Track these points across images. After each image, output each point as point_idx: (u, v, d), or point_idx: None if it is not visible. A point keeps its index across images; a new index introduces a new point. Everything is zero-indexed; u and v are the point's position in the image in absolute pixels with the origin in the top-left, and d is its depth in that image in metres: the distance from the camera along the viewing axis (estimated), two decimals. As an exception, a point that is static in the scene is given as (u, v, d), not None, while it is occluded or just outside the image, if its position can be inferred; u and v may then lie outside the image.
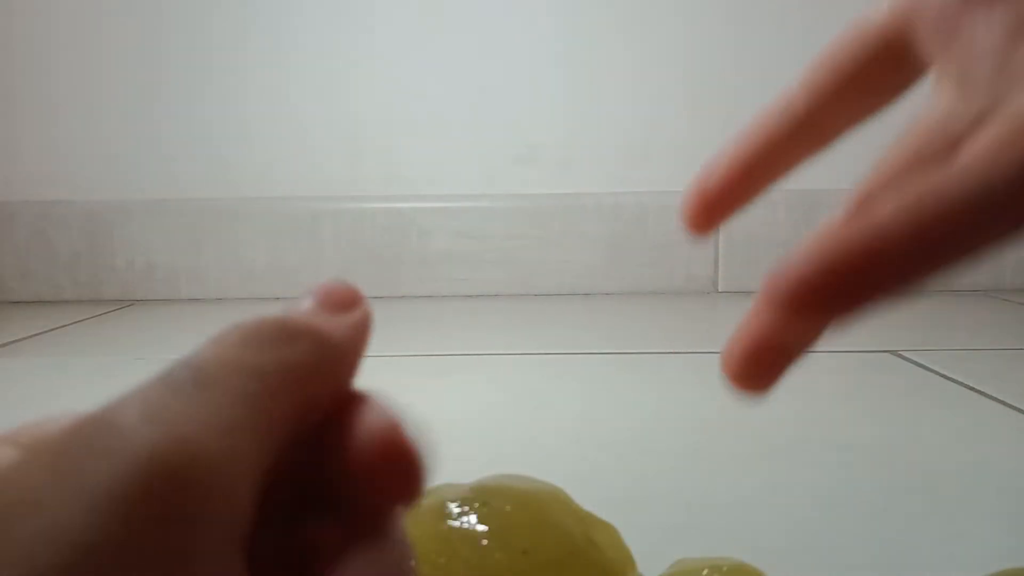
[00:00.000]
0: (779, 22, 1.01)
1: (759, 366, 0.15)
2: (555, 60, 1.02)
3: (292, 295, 0.88)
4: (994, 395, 0.54)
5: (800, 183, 1.09)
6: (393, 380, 0.61)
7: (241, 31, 1.02)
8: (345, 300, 0.14)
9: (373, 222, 1.03)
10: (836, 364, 0.64)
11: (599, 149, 1.03)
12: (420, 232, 1.03)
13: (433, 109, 1.03)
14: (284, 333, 0.13)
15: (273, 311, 0.13)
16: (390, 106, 1.03)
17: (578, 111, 1.03)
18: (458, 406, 0.55)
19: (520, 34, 1.02)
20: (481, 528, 0.23)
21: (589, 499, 0.27)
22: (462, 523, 0.24)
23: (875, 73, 0.18)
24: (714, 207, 0.19)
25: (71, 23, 1.02)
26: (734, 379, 0.15)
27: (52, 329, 0.85)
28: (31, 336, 0.81)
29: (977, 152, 0.12)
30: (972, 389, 0.56)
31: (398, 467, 0.12)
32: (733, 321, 0.16)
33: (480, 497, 0.25)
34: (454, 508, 0.24)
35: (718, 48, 1.02)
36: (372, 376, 0.58)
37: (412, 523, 0.25)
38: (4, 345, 0.77)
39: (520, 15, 1.01)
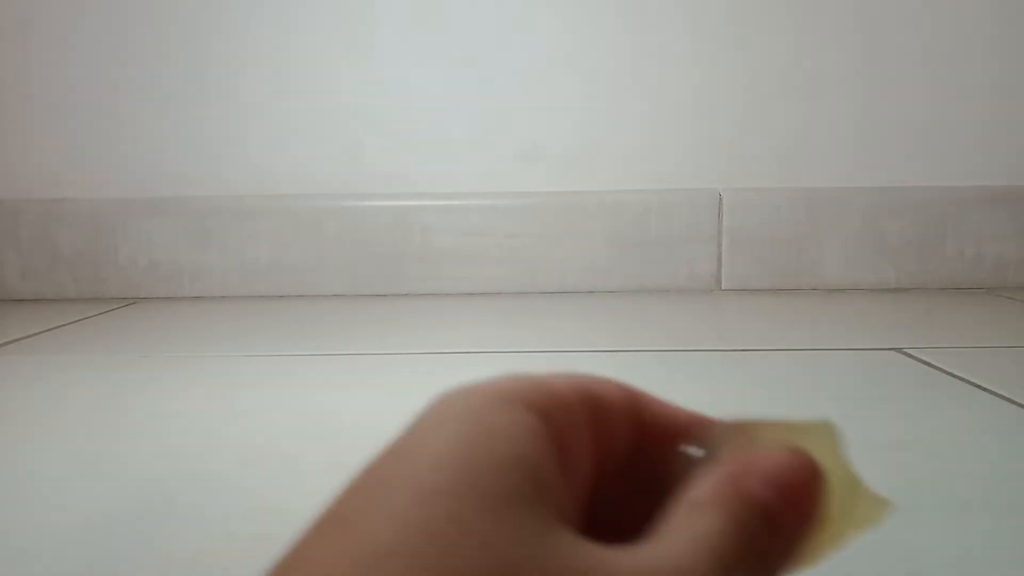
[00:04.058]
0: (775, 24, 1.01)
1: None
2: (558, 57, 1.02)
3: (295, 293, 0.88)
4: (1000, 392, 0.54)
5: (802, 181, 1.09)
6: (396, 378, 0.61)
7: (242, 30, 1.02)
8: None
9: (376, 220, 1.03)
10: (841, 362, 0.64)
11: (602, 147, 1.03)
12: (423, 230, 1.03)
13: (436, 106, 1.03)
14: None
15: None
16: (392, 103, 1.03)
17: (581, 109, 1.03)
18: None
19: (523, 31, 1.02)
20: None
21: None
22: None
23: None
24: None
25: (74, 23, 1.02)
26: None
27: (55, 327, 0.85)
28: (34, 334, 0.81)
29: None
30: (977, 386, 0.56)
31: None
32: (736, 319, 0.17)
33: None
34: None
35: (725, 49, 1.01)
36: (374, 375, 0.58)
37: None
38: (7, 343, 0.77)
39: (524, 11, 1.01)
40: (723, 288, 1.03)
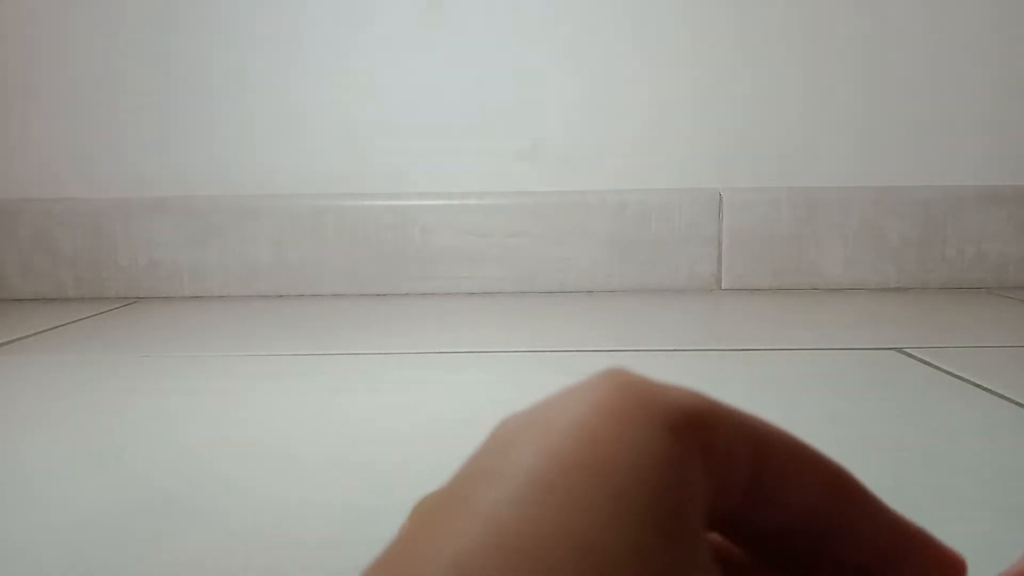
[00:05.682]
0: (786, 26, 1.01)
1: None
2: (559, 55, 1.02)
3: (295, 293, 0.88)
4: (1000, 391, 0.54)
5: (802, 181, 1.09)
6: (396, 377, 0.61)
7: (243, 29, 1.02)
8: None
9: (376, 220, 1.03)
10: (842, 361, 0.64)
11: (603, 146, 1.03)
12: (423, 229, 1.03)
13: (435, 105, 1.03)
14: None
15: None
16: (392, 103, 1.03)
17: (582, 107, 1.03)
18: (461, 404, 0.54)
19: (523, 29, 1.02)
20: None
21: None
22: None
23: None
24: None
25: (75, 22, 1.02)
26: None
27: (55, 327, 0.85)
28: (34, 334, 0.81)
29: None
30: (977, 386, 0.56)
31: None
32: (736, 318, 0.16)
33: None
34: None
35: (725, 50, 1.01)
36: (374, 374, 0.58)
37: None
38: (7, 343, 0.77)
39: (523, 10, 1.01)
40: (723, 288, 1.03)
